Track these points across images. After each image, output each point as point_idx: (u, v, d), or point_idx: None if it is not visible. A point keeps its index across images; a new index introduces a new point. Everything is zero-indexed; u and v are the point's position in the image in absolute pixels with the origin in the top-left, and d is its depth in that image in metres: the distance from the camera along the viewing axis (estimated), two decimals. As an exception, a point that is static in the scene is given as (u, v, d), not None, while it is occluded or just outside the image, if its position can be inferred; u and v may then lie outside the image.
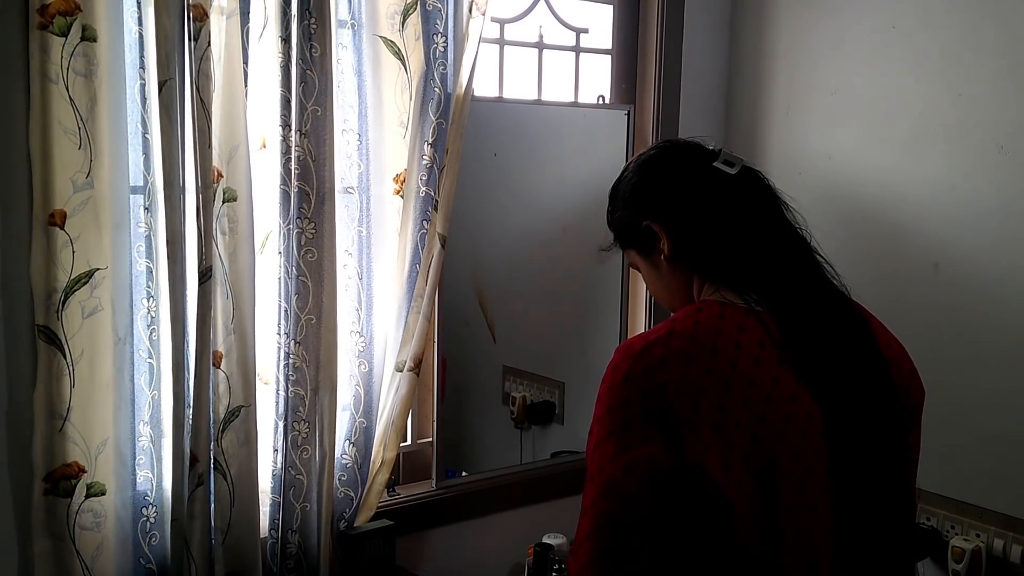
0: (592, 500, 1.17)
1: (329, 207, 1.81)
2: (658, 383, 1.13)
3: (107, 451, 1.66)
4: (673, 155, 1.35)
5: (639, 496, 1.14)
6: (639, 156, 1.39)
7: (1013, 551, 2.09)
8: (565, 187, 2.54)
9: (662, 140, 1.40)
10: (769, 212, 1.28)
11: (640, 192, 1.34)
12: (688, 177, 1.30)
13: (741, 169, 1.29)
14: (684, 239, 1.28)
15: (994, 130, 2.09)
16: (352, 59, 1.89)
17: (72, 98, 1.55)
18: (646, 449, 1.13)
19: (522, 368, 2.54)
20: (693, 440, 1.12)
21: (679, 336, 1.16)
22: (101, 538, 1.66)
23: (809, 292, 1.24)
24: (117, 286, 1.64)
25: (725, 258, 1.26)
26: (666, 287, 1.35)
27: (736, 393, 1.13)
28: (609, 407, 1.16)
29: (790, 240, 1.28)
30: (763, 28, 2.59)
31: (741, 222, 1.26)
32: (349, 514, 1.97)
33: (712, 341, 1.16)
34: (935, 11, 2.20)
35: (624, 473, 1.14)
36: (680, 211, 1.29)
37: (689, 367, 1.14)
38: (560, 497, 2.46)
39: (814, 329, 1.20)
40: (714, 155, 1.30)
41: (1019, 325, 2.07)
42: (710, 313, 1.19)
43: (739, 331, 1.17)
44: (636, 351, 1.17)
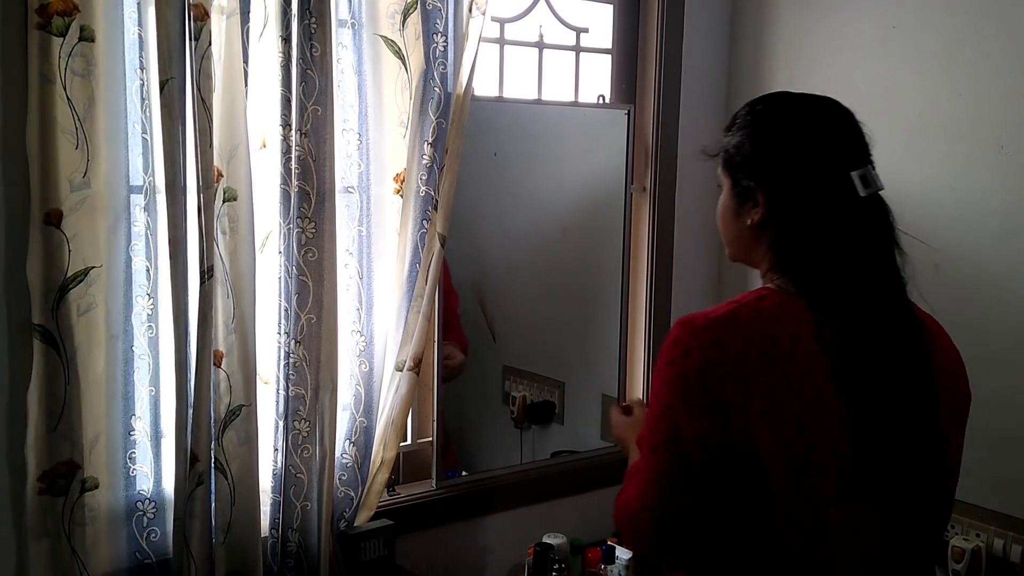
0: (648, 465, 1.22)
1: (329, 207, 1.81)
2: (714, 362, 1.16)
3: (100, 446, 1.66)
4: (825, 137, 1.28)
5: (692, 465, 1.17)
6: (793, 104, 1.32)
7: (1013, 551, 2.09)
8: (565, 187, 2.54)
9: (825, 100, 1.32)
10: (878, 247, 1.25)
11: (766, 149, 1.30)
12: (819, 174, 1.25)
13: (872, 195, 1.25)
14: (780, 226, 1.27)
15: (994, 129, 2.09)
16: (352, 58, 1.89)
17: (70, 98, 1.55)
18: (700, 423, 1.16)
19: (522, 368, 2.54)
20: (742, 422, 1.15)
21: (739, 319, 1.19)
22: (95, 532, 1.67)
23: (878, 316, 1.22)
24: (113, 284, 1.65)
25: (811, 267, 1.24)
26: (731, 232, 1.37)
27: (787, 383, 1.16)
28: (667, 380, 1.19)
29: (884, 278, 1.25)
30: (763, 27, 2.59)
31: (846, 245, 1.23)
32: (349, 513, 1.97)
33: (771, 329, 1.18)
34: (935, 11, 2.19)
35: (681, 444, 1.17)
36: (790, 202, 1.27)
37: (746, 350, 1.16)
38: (560, 497, 2.46)
39: (867, 349, 1.20)
40: (860, 161, 1.26)
41: (1020, 325, 2.07)
42: (771, 303, 1.21)
43: (798, 325, 1.19)
44: (697, 328, 1.18)
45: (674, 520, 1.22)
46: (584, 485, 2.51)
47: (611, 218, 2.50)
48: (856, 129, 1.30)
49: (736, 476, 1.17)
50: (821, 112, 1.31)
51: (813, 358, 1.17)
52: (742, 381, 1.15)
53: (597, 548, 2.26)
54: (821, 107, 1.32)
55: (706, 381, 1.16)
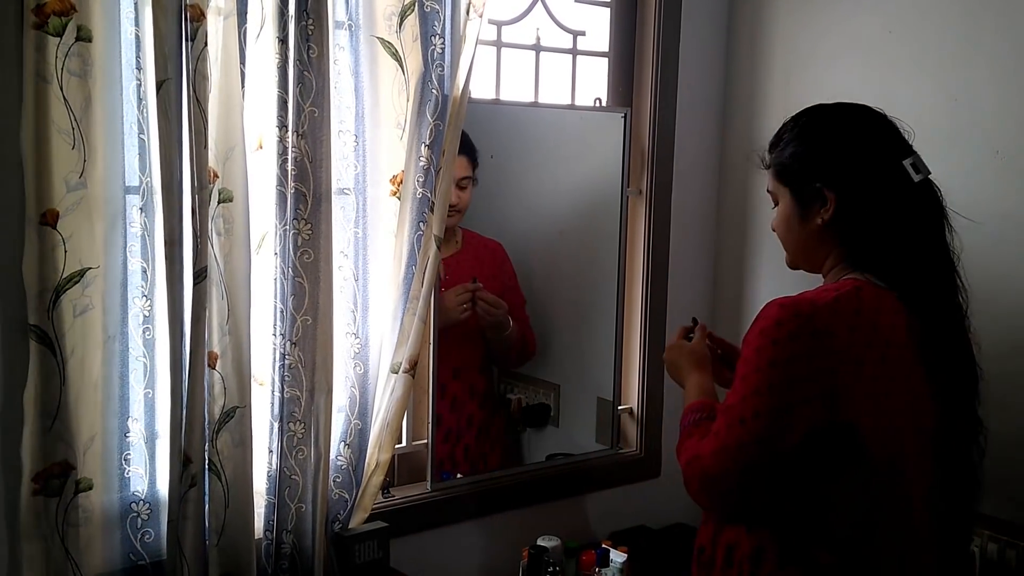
0: (731, 433, 1.31)
1: (325, 208, 1.81)
2: (823, 347, 1.27)
3: (95, 447, 1.65)
4: (874, 134, 1.42)
5: (780, 445, 1.29)
6: (836, 111, 1.46)
7: (1008, 555, 2.10)
8: (561, 190, 2.54)
9: (860, 105, 1.47)
10: (935, 227, 1.40)
11: (825, 152, 1.42)
12: (879, 166, 1.39)
13: (924, 180, 1.40)
14: (851, 219, 1.39)
15: (990, 135, 2.10)
16: (349, 60, 1.89)
17: (66, 98, 1.55)
18: (805, 408, 1.28)
19: (518, 371, 2.54)
20: (847, 403, 1.28)
21: (845, 307, 1.30)
22: (89, 533, 1.66)
23: (944, 305, 1.39)
24: (109, 285, 1.64)
25: (883, 252, 1.38)
26: (798, 237, 1.46)
27: (889, 367, 1.30)
28: (772, 361, 1.28)
29: (942, 257, 1.40)
30: (759, 32, 2.60)
31: (910, 227, 1.38)
32: (344, 516, 1.97)
33: (874, 318, 1.31)
34: (931, 16, 2.20)
35: (781, 423, 1.28)
36: (859, 195, 1.39)
37: (852, 336, 1.29)
38: (555, 500, 2.46)
39: (945, 339, 1.38)
40: (907, 151, 1.41)
41: (1016, 330, 2.07)
42: (870, 293, 1.33)
43: (894, 315, 1.33)
44: (805, 313, 1.28)
45: (745, 486, 1.33)
46: (579, 488, 2.51)
47: (607, 221, 2.50)
48: (894, 125, 1.45)
49: (832, 456, 1.29)
50: (863, 114, 1.45)
51: (907, 347, 1.32)
52: (851, 363, 1.27)
53: (591, 551, 2.26)
54: (862, 110, 1.46)
55: (815, 366, 1.27)
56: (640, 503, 2.61)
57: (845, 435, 1.29)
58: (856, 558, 1.33)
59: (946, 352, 1.38)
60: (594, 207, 2.54)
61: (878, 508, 1.34)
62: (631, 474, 2.61)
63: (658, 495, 2.62)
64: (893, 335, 1.32)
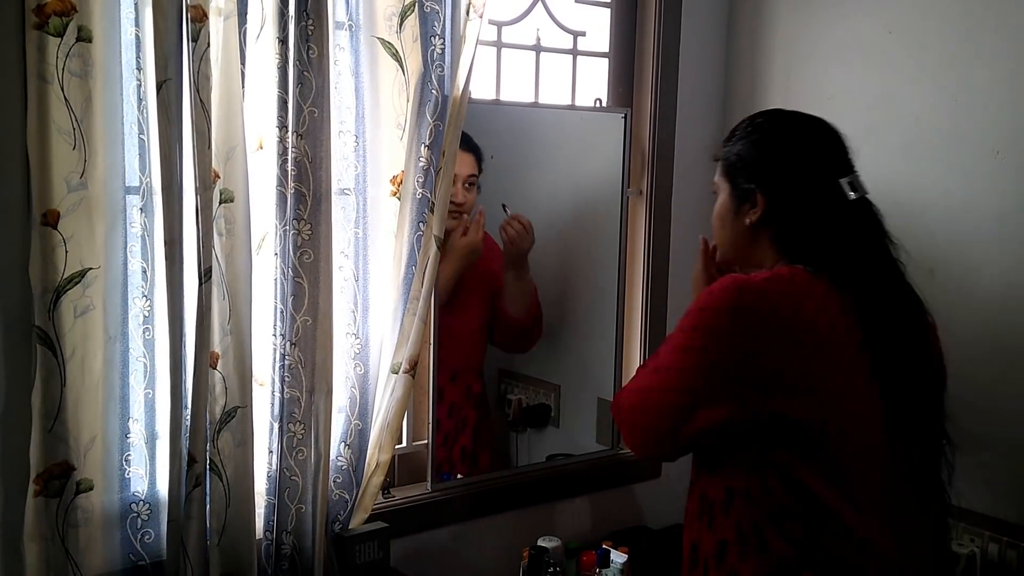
0: (661, 377, 1.43)
1: (325, 209, 1.81)
2: (743, 323, 1.34)
3: (95, 448, 1.65)
4: (817, 148, 1.49)
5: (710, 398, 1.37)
6: (787, 120, 1.53)
7: (1008, 556, 2.10)
8: (561, 190, 2.54)
9: (814, 118, 1.53)
10: (873, 240, 1.46)
11: (765, 156, 1.50)
12: (813, 179, 1.46)
13: (860, 199, 1.46)
14: (779, 224, 1.47)
15: (991, 135, 2.10)
16: (349, 61, 1.89)
17: (67, 98, 1.55)
18: (712, 375, 1.36)
19: (518, 371, 2.54)
20: (759, 379, 1.34)
21: (777, 285, 1.37)
22: (89, 534, 1.66)
23: (891, 297, 1.43)
24: (109, 285, 1.64)
25: (815, 250, 1.43)
26: (728, 233, 1.55)
27: (822, 351, 1.34)
28: (695, 326, 1.39)
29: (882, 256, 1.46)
30: (760, 32, 2.60)
31: (842, 238, 1.43)
32: (344, 516, 1.97)
33: (799, 300, 1.36)
34: (931, 16, 2.20)
35: (692, 380, 1.38)
36: (788, 203, 1.47)
37: (783, 316, 1.34)
38: (555, 500, 2.46)
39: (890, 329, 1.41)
40: (847, 170, 1.47)
41: (1016, 330, 2.08)
42: (803, 277, 1.39)
43: (824, 297, 1.37)
44: (736, 287, 1.37)
45: (656, 424, 1.44)
46: (579, 489, 2.50)
47: (608, 222, 2.50)
48: (843, 143, 1.50)
49: (769, 440, 1.36)
50: (815, 127, 1.51)
51: (835, 326, 1.35)
52: (773, 336, 1.33)
53: (592, 552, 2.26)
54: (814, 123, 1.52)
55: (738, 339, 1.34)
56: (641, 503, 2.62)
57: (772, 422, 1.34)
58: (809, 548, 1.36)
59: (891, 350, 1.40)
60: (594, 208, 2.54)
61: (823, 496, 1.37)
62: (631, 474, 2.61)
63: (659, 495, 2.62)
64: (819, 316, 1.36)
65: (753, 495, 1.39)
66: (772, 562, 1.37)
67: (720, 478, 1.44)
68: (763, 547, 1.38)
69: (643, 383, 1.47)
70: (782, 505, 1.37)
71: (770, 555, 1.37)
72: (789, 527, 1.37)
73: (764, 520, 1.38)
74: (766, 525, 1.38)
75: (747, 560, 1.39)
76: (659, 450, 1.51)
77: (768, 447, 1.37)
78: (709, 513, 1.46)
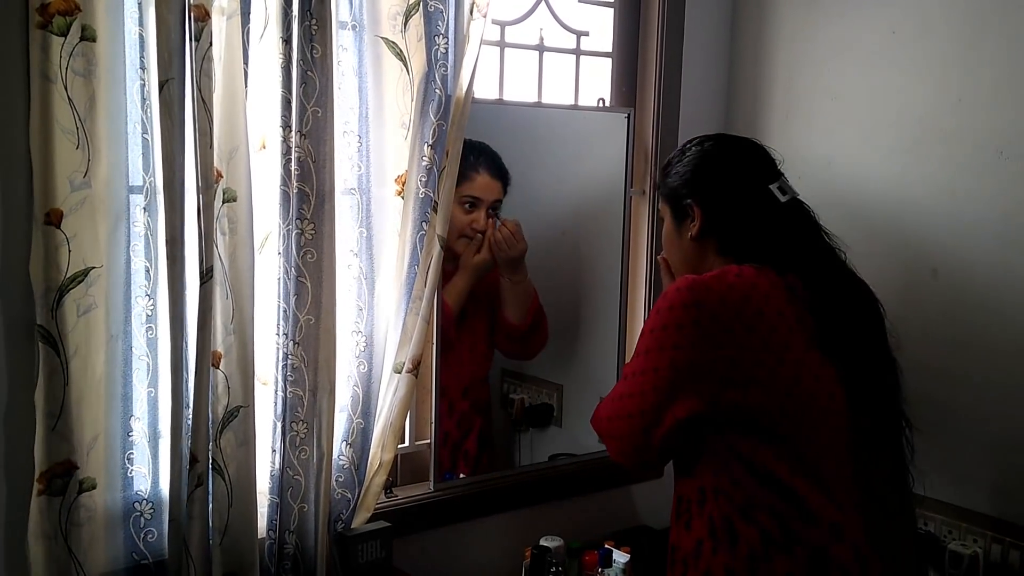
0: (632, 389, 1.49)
1: (329, 208, 1.81)
2: (692, 317, 1.41)
3: (98, 447, 1.65)
4: (743, 159, 1.60)
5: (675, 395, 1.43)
6: (714, 140, 1.65)
7: (1011, 556, 2.09)
8: (564, 190, 2.54)
9: (740, 137, 1.68)
10: (807, 231, 1.56)
11: (697, 174, 1.60)
12: (743, 185, 1.57)
13: (791, 200, 1.56)
14: (719, 231, 1.57)
15: (994, 136, 2.10)
16: (353, 60, 1.89)
17: (71, 98, 1.55)
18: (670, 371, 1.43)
19: (521, 371, 2.54)
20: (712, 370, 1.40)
21: (722, 281, 1.43)
22: (92, 533, 1.66)
23: (835, 280, 1.52)
24: (112, 285, 1.64)
25: (755, 245, 1.53)
26: (677, 251, 1.65)
27: (758, 336, 1.40)
28: (663, 325, 1.44)
29: (820, 245, 1.56)
30: (763, 32, 2.59)
31: (777, 234, 1.53)
32: (346, 515, 1.97)
33: (747, 291, 1.42)
34: (935, 16, 2.20)
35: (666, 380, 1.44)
36: (722, 209, 1.57)
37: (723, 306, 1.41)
38: (558, 500, 2.46)
39: (838, 310, 1.48)
40: (774, 177, 1.58)
41: (1018, 330, 2.07)
42: (749, 271, 1.46)
43: (771, 288, 1.45)
44: (685, 285, 1.43)
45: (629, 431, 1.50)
46: (582, 488, 2.50)
47: (610, 221, 2.50)
48: (768, 156, 1.62)
49: (708, 415, 1.42)
50: (739, 143, 1.64)
51: (783, 314, 1.43)
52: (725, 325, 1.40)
53: (594, 551, 2.26)
54: (739, 140, 1.65)
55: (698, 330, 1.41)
56: (643, 503, 2.62)
57: (730, 411, 1.41)
58: (779, 536, 1.40)
59: (839, 330, 1.47)
60: (597, 207, 2.54)
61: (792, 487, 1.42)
62: (634, 474, 2.60)
63: (661, 495, 2.62)
64: (766, 305, 1.42)
65: (723, 490, 1.44)
66: (743, 553, 1.42)
67: (694, 478, 1.50)
68: (734, 539, 1.42)
69: (616, 392, 1.55)
70: (750, 497, 1.42)
71: (740, 546, 1.42)
72: (758, 517, 1.41)
73: (735, 514, 1.43)
74: (736, 518, 1.43)
75: (719, 554, 1.44)
76: (640, 456, 1.54)
77: (732, 440, 1.42)
78: (687, 513, 1.51)
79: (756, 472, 1.42)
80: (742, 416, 1.41)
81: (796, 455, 1.42)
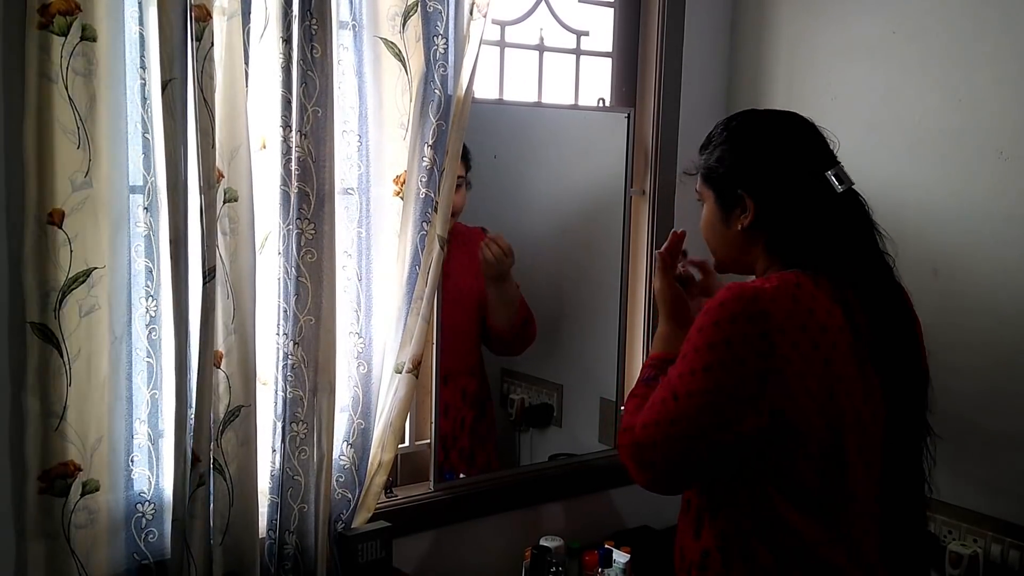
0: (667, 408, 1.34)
1: (329, 208, 1.81)
2: (762, 331, 1.28)
3: (102, 448, 1.65)
4: (799, 144, 1.44)
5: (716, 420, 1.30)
6: (765, 119, 1.48)
7: (1011, 556, 2.10)
8: (564, 190, 2.54)
9: (790, 114, 1.49)
10: (862, 233, 1.42)
11: (748, 159, 1.44)
12: (800, 176, 1.41)
13: (847, 190, 1.42)
14: (771, 226, 1.42)
15: (994, 136, 2.10)
16: (353, 60, 1.89)
17: (71, 97, 1.55)
18: (737, 387, 1.29)
19: (520, 371, 2.54)
20: (784, 392, 1.28)
21: (784, 293, 1.31)
22: (95, 535, 1.66)
23: (884, 297, 1.41)
24: (115, 285, 1.64)
25: (809, 252, 1.39)
26: (721, 241, 1.50)
27: (821, 352, 1.30)
28: (711, 342, 1.30)
29: (874, 255, 1.42)
30: (763, 32, 2.59)
31: (833, 233, 1.40)
32: (346, 515, 1.97)
33: (809, 304, 1.31)
34: (935, 16, 2.20)
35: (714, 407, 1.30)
36: (778, 203, 1.42)
37: (788, 322, 1.29)
38: (558, 500, 2.46)
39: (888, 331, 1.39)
40: (831, 162, 1.42)
41: (1018, 330, 2.07)
42: (808, 282, 1.34)
43: (831, 303, 1.33)
44: (747, 296, 1.30)
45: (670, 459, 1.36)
46: (582, 488, 2.51)
47: (610, 221, 2.50)
48: (821, 136, 1.46)
49: (772, 450, 1.31)
50: (790, 123, 1.47)
51: (846, 341, 1.32)
52: (787, 355, 1.27)
53: (594, 551, 2.26)
54: (789, 119, 1.48)
55: (752, 349, 1.28)
56: (643, 503, 2.61)
57: (782, 428, 1.29)
58: (796, 557, 1.33)
59: (892, 347, 1.39)
60: (597, 207, 2.54)
61: (819, 506, 1.34)
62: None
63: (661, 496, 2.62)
64: (830, 320, 1.32)
65: (741, 504, 1.35)
66: (757, 571, 1.34)
67: (709, 487, 1.40)
68: (748, 556, 1.34)
69: (662, 415, 1.34)
70: (771, 514, 1.33)
71: (755, 565, 1.34)
72: (778, 536, 1.33)
73: (751, 529, 1.35)
74: (752, 534, 1.34)
75: (732, 569, 1.36)
76: (689, 481, 1.42)
77: (765, 455, 1.32)
78: (696, 521, 1.43)
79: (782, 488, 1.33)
80: (787, 433, 1.30)
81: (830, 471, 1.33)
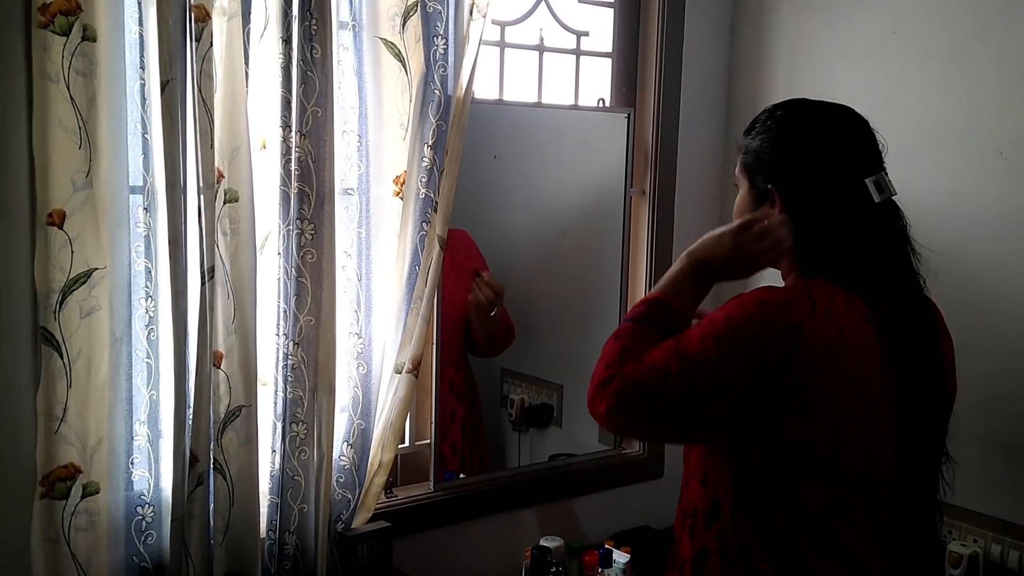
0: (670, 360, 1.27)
1: (329, 208, 1.81)
2: (778, 336, 1.23)
3: (102, 450, 1.65)
4: (843, 145, 1.35)
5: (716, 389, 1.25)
6: (813, 112, 1.39)
7: (1010, 556, 2.10)
8: (565, 190, 2.54)
9: (844, 109, 1.39)
10: (896, 248, 1.34)
11: (783, 155, 1.36)
12: (836, 181, 1.33)
13: (885, 201, 1.33)
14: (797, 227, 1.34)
15: (995, 136, 2.10)
16: (353, 60, 1.89)
17: (72, 97, 1.55)
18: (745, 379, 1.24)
19: (520, 371, 2.54)
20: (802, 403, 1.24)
21: (820, 307, 1.25)
22: (95, 538, 1.66)
23: (910, 318, 1.33)
24: (115, 286, 1.64)
25: (836, 262, 1.33)
26: None
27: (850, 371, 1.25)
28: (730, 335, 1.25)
29: (906, 273, 1.35)
30: (763, 32, 2.59)
31: (864, 246, 1.32)
32: (346, 516, 1.97)
33: (840, 322, 1.26)
34: (935, 16, 2.20)
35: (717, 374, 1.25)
36: (806, 207, 1.34)
37: (819, 334, 1.23)
38: (558, 500, 2.46)
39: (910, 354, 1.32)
40: (874, 168, 1.34)
41: (1018, 331, 2.07)
42: (842, 296, 1.28)
43: (861, 320, 1.28)
44: (768, 302, 1.26)
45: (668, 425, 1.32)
46: (582, 488, 2.51)
47: (610, 221, 2.50)
48: (871, 137, 1.37)
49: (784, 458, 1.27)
50: (838, 120, 1.37)
51: (871, 347, 1.27)
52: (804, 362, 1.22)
53: (594, 551, 2.26)
54: (839, 115, 1.38)
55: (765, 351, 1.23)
56: (643, 503, 2.61)
57: (797, 438, 1.25)
58: (796, 567, 1.29)
59: (915, 372, 1.32)
60: (597, 207, 2.54)
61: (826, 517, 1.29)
62: (634, 474, 2.61)
63: (661, 495, 2.62)
64: (858, 339, 1.27)
65: (742, 507, 1.32)
66: None
67: (708, 488, 1.36)
68: (748, 563, 1.31)
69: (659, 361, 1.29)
70: (772, 521, 1.30)
71: (755, 571, 1.30)
72: (779, 543, 1.30)
73: (751, 534, 1.31)
74: (752, 540, 1.31)
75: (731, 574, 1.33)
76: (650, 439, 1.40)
77: (770, 465, 1.29)
78: (692, 520, 1.39)
79: (785, 498, 1.29)
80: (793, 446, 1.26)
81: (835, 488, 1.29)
